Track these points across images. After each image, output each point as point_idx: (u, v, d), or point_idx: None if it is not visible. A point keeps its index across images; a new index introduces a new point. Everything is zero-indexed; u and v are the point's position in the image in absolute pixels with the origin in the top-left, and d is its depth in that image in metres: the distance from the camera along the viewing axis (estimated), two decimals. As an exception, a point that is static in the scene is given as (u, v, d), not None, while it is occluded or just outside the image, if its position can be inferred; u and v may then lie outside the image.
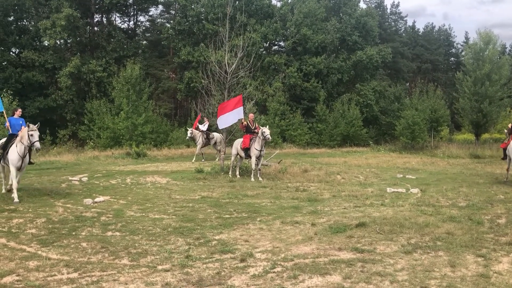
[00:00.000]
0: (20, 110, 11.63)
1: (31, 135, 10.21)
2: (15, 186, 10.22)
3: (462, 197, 11.12)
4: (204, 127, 21.85)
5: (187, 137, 22.39)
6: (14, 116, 11.28)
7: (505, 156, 14.81)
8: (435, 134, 34.45)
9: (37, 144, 10.24)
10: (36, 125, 10.44)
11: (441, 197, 11.12)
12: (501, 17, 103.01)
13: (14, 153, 10.36)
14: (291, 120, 34.30)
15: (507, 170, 14.42)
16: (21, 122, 11.09)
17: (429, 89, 37.57)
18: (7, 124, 11.14)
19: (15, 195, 10.11)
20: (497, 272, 5.57)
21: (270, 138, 15.29)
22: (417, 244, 6.72)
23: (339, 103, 36.43)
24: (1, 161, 10.93)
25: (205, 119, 21.91)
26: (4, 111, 11.45)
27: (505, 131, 15.28)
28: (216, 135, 21.84)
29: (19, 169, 10.42)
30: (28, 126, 10.27)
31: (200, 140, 21.57)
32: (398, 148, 31.55)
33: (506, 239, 7.08)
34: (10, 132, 11.09)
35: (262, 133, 14.59)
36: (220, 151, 21.24)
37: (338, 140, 34.63)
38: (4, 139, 11.23)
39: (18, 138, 10.49)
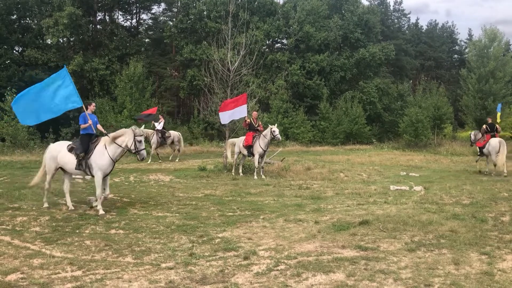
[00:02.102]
0: (94, 104, 9.91)
1: (139, 141, 9.09)
2: (107, 193, 9.14)
3: (466, 194, 11.09)
4: (159, 125, 20.66)
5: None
6: (87, 112, 9.39)
7: (481, 154, 16.35)
8: (438, 132, 34.37)
9: (144, 153, 9.15)
10: (142, 127, 9.49)
11: (444, 194, 11.09)
12: (505, 13, 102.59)
13: (104, 157, 8.93)
14: (294, 118, 34.26)
15: (494, 164, 15.77)
16: (96, 119, 9.60)
17: (433, 87, 37.46)
18: (89, 121, 9.21)
19: (99, 205, 8.87)
20: (501, 270, 5.55)
21: (280, 138, 15.34)
22: (420, 242, 6.71)
23: (342, 101, 36.36)
24: (80, 167, 9.05)
25: (160, 117, 21.22)
26: (83, 106, 9.36)
27: (482, 128, 16.75)
28: (173, 134, 21.06)
29: (107, 175, 9.22)
30: (135, 129, 9.14)
31: (154, 139, 20.23)
32: (401, 145, 31.50)
33: (510, 236, 7.06)
34: (87, 131, 9.28)
35: (271, 132, 14.56)
36: (179, 150, 21.19)
37: (341, 138, 34.58)
38: (73, 142, 9.62)
39: (105, 139, 9.14)
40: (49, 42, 34.82)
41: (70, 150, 9.14)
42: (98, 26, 38.60)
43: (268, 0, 38.47)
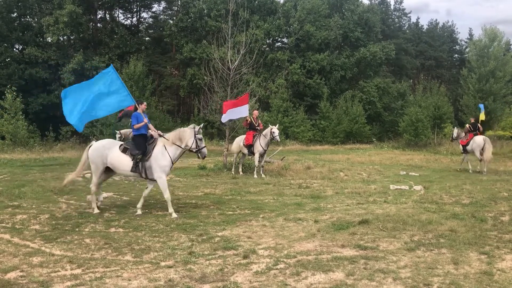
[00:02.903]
0: (145, 104, 9.49)
1: (200, 139, 8.96)
2: (168, 198, 8.66)
3: (466, 194, 11.09)
4: None
5: (117, 139, 20.43)
6: (138, 111, 9.07)
7: (464, 151, 17.16)
8: (438, 131, 34.36)
9: (205, 151, 9.11)
10: (200, 125, 9.21)
11: (444, 194, 11.09)
12: (505, 13, 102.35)
13: (166, 158, 8.70)
14: (294, 117, 34.26)
15: (480, 160, 16.66)
16: (147, 119, 9.22)
17: (433, 86, 37.45)
18: (145, 120, 8.97)
19: (170, 209, 8.57)
20: (500, 270, 5.56)
21: (279, 139, 15.31)
22: (420, 241, 6.71)
23: (342, 100, 36.35)
24: (137, 169, 8.66)
25: None
26: (136, 104, 9.09)
27: (466, 127, 17.66)
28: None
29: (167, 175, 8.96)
30: (195, 128, 8.98)
31: None
32: (401, 145, 31.51)
33: (509, 236, 7.06)
34: (140, 132, 8.96)
35: (271, 132, 14.56)
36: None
37: (341, 137, 34.59)
38: (125, 142, 9.22)
39: (163, 140, 8.86)
40: (50, 40, 34.83)
41: (124, 150, 8.74)
42: (98, 25, 38.61)
43: (268, -1, 38.47)
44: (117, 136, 18.27)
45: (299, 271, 5.43)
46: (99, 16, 39.15)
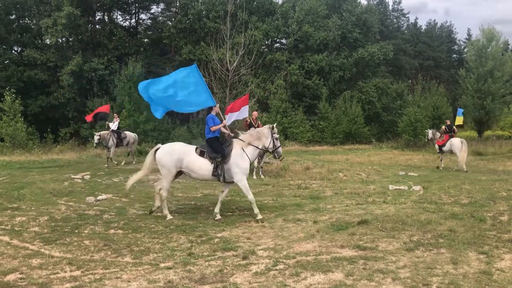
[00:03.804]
0: (218, 106, 9.16)
1: (277, 139, 8.77)
2: (252, 199, 8.38)
3: (465, 194, 11.10)
4: (114, 125, 18.92)
5: (95, 143, 18.78)
6: (212, 113, 8.86)
7: (440, 151, 18.21)
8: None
9: (281, 150, 8.94)
10: (275, 123, 9.04)
11: (443, 194, 11.11)
12: (503, 13, 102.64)
13: (245, 160, 8.47)
14: (293, 118, 34.27)
15: (459, 160, 17.42)
16: (218, 121, 9.03)
17: (432, 86, 37.50)
18: (224, 121, 8.93)
19: (256, 209, 8.33)
20: (499, 269, 5.57)
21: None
22: (419, 242, 6.72)
23: (341, 101, 36.38)
24: (216, 172, 8.37)
25: (116, 115, 19.63)
26: (217, 105, 8.86)
27: (442, 128, 18.72)
28: (128, 134, 19.54)
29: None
30: (272, 127, 8.82)
31: (111, 141, 18.41)
32: (400, 145, 31.52)
33: (508, 236, 7.07)
34: (214, 134, 8.74)
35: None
36: (132, 152, 19.96)
37: (340, 137, 34.60)
38: (200, 146, 8.75)
39: (240, 142, 8.65)
40: (48, 42, 34.84)
41: (202, 154, 8.44)
42: (97, 26, 38.61)
43: (267, 0, 38.48)
44: (96, 137, 18.06)
45: (299, 271, 5.44)
46: (97, 17, 39.16)
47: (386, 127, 38.91)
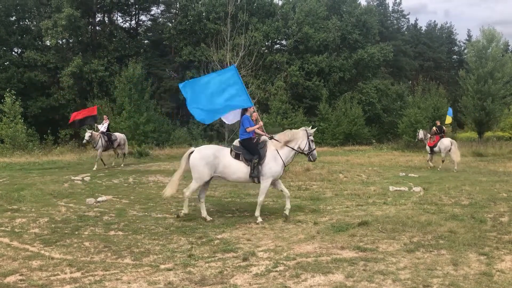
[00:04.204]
0: (253, 107, 9.13)
1: (312, 140, 8.70)
2: (261, 202, 8.47)
3: (465, 195, 11.10)
4: (103, 127, 18.40)
5: (84, 140, 18.29)
6: (247, 114, 8.84)
7: (432, 152, 18.70)
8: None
9: (316, 153, 8.82)
10: (314, 128, 9.03)
11: (443, 195, 11.10)
12: (503, 14, 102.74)
13: (278, 162, 8.42)
14: (293, 119, 34.28)
15: (442, 160, 18.21)
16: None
17: (432, 87, 37.50)
18: (261, 123, 8.82)
19: (258, 212, 8.38)
20: (499, 271, 5.56)
21: None
22: (419, 243, 6.71)
23: (341, 102, 36.41)
24: (253, 174, 8.28)
25: (105, 117, 19.11)
26: (253, 107, 8.80)
27: (433, 129, 19.13)
28: (119, 136, 19.09)
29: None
30: (308, 130, 8.77)
31: (100, 142, 17.90)
32: (400, 146, 31.52)
33: (509, 237, 7.06)
34: (249, 135, 8.64)
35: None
36: (124, 154, 19.47)
37: (341, 138, 34.62)
38: (234, 147, 8.60)
39: (274, 143, 8.58)
40: (48, 44, 34.91)
41: (237, 156, 8.34)
42: (97, 28, 38.66)
43: (267, 1, 38.54)
44: (87, 134, 17.62)
45: (299, 273, 5.43)
46: (97, 19, 39.22)
47: (386, 128, 38.93)
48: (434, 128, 19.14)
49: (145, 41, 42.03)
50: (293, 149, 8.59)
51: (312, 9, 37.64)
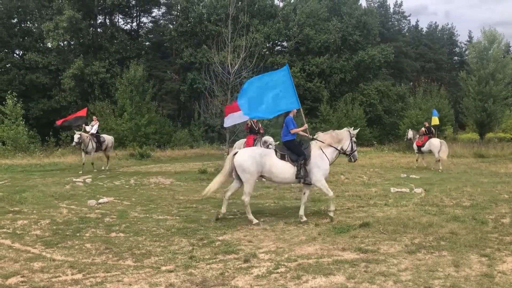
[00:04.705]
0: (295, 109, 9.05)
1: (355, 142, 8.82)
2: (332, 197, 8.62)
3: (466, 196, 11.08)
4: (93, 129, 17.78)
5: (74, 143, 17.43)
6: (290, 115, 8.85)
7: (419, 151, 19.41)
8: (439, 134, 34.33)
9: (356, 154, 8.96)
10: (357, 129, 9.10)
11: (445, 196, 11.09)
12: (504, 15, 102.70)
13: (325, 161, 8.52)
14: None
15: (438, 160, 18.47)
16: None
17: (433, 89, 37.50)
18: (305, 125, 8.76)
19: (332, 207, 8.58)
20: (501, 272, 5.55)
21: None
22: (420, 244, 6.70)
23: (342, 103, 36.40)
24: (300, 175, 8.33)
25: (94, 118, 18.44)
26: (301, 109, 8.94)
27: (421, 130, 19.79)
28: (107, 138, 18.57)
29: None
30: (351, 130, 8.88)
31: (91, 145, 17.40)
32: (401, 147, 31.46)
33: (510, 238, 7.05)
34: (293, 137, 8.63)
35: (263, 142, 14.56)
36: (108, 157, 18.85)
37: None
38: (279, 149, 8.65)
39: (318, 143, 8.60)
40: (50, 46, 34.97)
41: (283, 157, 8.35)
42: (98, 30, 38.74)
43: (268, 3, 38.59)
44: (76, 136, 16.93)
45: (300, 274, 5.43)
46: (99, 21, 39.30)
47: (387, 129, 38.91)
48: (423, 129, 19.84)
49: (146, 43, 42.12)
50: (336, 149, 8.68)
51: (313, 10, 37.67)
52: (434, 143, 18.49)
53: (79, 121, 18.20)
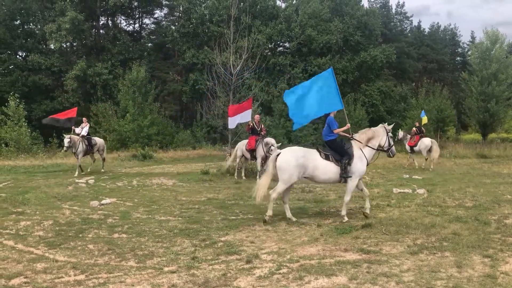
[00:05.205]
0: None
1: (391, 137, 8.90)
2: (348, 200, 8.71)
3: (469, 197, 11.06)
4: (83, 131, 17.23)
5: (65, 147, 16.87)
6: (331, 116, 8.90)
7: (412, 151, 19.72)
8: (441, 134, 34.30)
9: (394, 149, 9.02)
10: (392, 124, 9.19)
11: (447, 197, 11.07)
12: (506, 15, 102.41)
13: (363, 161, 8.58)
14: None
15: (426, 159, 18.94)
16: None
17: (435, 89, 37.42)
18: (348, 125, 8.80)
19: (344, 212, 8.59)
20: (504, 273, 5.54)
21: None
22: (423, 245, 6.70)
23: (344, 104, 36.38)
24: (343, 174, 8.41)
25: (84, 119, 17.96)
26: (344, 109, 9.03)
27: (412, 130, 20.07)
28: (98, 141, 18.17)
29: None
30: (387, 126, 8.95)
31: (81, 147, 16.84)
32: (404, 148, 31.40)
33: (513, 239, 7.04)
34: (335, 136, 8.77)
35: (265, 144, 14.54)
36: (104, 159, 18.40)
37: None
38: (323, 149, 8.64)
39: (357, 143, 8.69)
40: (52, 47, 35.07)
41: (327, 158, 8.39)
42: (101, 31, 38.83)
43: (270, 4, 38.60)
44: (66, 140, 16.53)
45: (302, 275, 5.43)
46: (101, 22, 39.41)
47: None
48: (414, 129, 20.19)
49: (149, 44, 42.19)
50: (373, 148, 8.75)
51: (315, 11, 37.66)
52: (426, 142, 18.76)
53: (68, 123, 17.70)
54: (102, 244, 6.88)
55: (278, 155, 8.49)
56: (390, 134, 8.89)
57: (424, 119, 22.12)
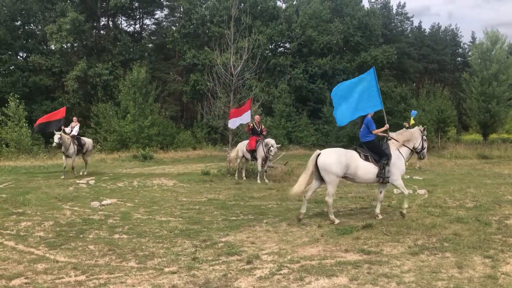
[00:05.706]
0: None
1: (425, 140, 9.14)
2: (407, 195, 8.80)
3: (470, 198, 11.05)
4: (74, 131, 16.67)
5: (54, 144, 16.21)
6: (369, 116, 9.19)
7: None
8: (442, 135, 34.28)
9: (425, 152, 9.27)
10: (422, 126, 9.39)
11: (448, 198, 11.06)
12: (507, 16, 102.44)
13: (402, 161, 8.83)
14: (297, 122, 34.28)
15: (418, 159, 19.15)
16: None
17: (436, 90, 37.38)
18: (386, 126, 9.11)
19: (406, 205, 8.71)
20: (504, 273, 5.53)
21: (273, 153, 14.97)
22: (424, 246, 6.69)
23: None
24: (381, 174, 8.50)
25: (74, 119, 17.20)
26: (383, 109, 9.24)
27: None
28: (87, 141, 17.52)
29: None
30: (422, 129, 9.17)
31: (73, 148, 16.27)
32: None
33: (514, 240, 7.03)
34: (373, 137, 8.95)
35: (265, 145, 14.56)
36: (86, 162, 17.68)
37: (345, 141, 34.53)
38: (362, 150, 8.76)
39: (394, 143, 8.92)
40: (53, 48, 35.08)
41: (367, 158, 8.51)
42: (101, 32, 38.86)
43: (270, 4, 38.62)
44: (56, 137, 15.74)
45: (303, 276, 5.43)
46: (102, 23, 39.44)
47: (390, 130, 38.81)
48: (403, 129, 20.22)
49: (149, 45, 42.20)
50: (409, 148, 8.97)
51: (316, 12, 37.68)
52: None
53: (58, 124, 16.77)
54: (102, 245, 6.88)
55: (318, 155, 8.52)
56: (424, 137, 9.09)
57: (412, 120, 22.22)
